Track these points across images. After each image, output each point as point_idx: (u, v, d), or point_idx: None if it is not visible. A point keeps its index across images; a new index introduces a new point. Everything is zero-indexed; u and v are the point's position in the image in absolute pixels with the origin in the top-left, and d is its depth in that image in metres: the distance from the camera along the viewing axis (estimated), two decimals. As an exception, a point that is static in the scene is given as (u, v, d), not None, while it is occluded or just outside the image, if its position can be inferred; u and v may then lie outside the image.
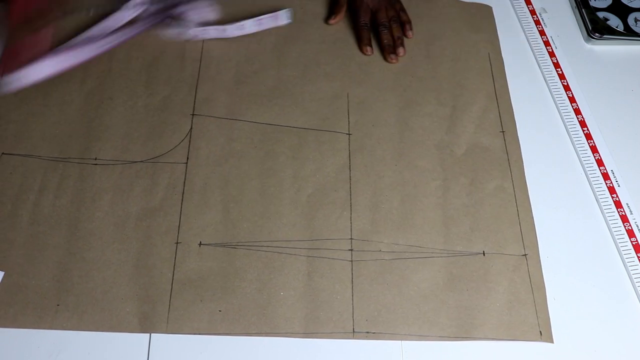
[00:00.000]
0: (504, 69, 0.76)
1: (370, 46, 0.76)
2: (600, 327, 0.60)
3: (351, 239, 0.61)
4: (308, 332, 0.56)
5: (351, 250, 0.61)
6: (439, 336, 0.57)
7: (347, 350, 0.56)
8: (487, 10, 0.82)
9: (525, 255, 0.62)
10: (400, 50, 0.75)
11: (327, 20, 0.78)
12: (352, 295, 0.58)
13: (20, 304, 0.55)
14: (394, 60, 0.75)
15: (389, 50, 0.75)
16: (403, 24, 0.78)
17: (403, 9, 0.79)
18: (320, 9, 0.79)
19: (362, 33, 0.76)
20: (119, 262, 0.58)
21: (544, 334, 0.58)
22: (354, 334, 0.57)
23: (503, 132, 0.70)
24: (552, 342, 0.58)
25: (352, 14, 0.79)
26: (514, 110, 0.73)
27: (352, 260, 0.60)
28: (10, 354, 0.53)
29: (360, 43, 0.76)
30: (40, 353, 0.53)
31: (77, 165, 0.63)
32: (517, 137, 0.70)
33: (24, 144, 0.64)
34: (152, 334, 0.55)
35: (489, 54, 0.77)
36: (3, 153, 0.63)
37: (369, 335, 0.57)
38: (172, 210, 0.61)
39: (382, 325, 0.57)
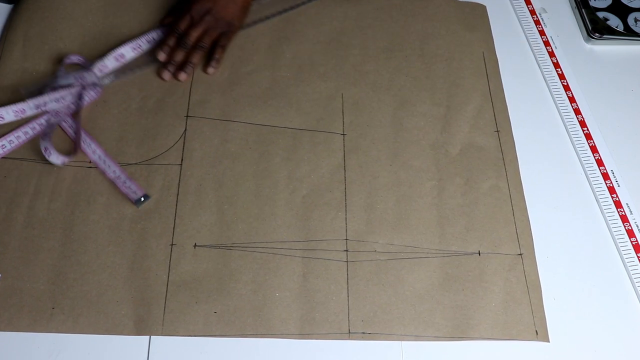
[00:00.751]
0: (499, 68, 0.76)
1: (163, 52, 0.70)
2: (600, 327, 0.60)
3: (346, 239, 0.61)
4: (304, 333, 0.56)
5: (346, 250, 0.61)
6: (435, 336, 0.57)
7: (342, 351, 0.56)
8: (482, 10, 0.82)
9: (521, 254, 0.62)
10: (181, 75, 0.69)
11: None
12: (348, 296, 0.58)
13: (16, 307, 0.55)
14: (164, 77, 0.69)
15: (169, 66, 0.69)
16: (211, 56, 0.71)
17: (224, 46, 0.72)
18: (315, 9, 0.79)
19: (168, 37, 0.71)
20: (114, 264, 0.58)
21: (540, 333, 0.58)
22: (349, 334, 0.57)
23: (498, 131, 0.70)
24: (548, 341, 0.58)
25: (174, 13, 0.74)
26: (513, 110, 0.73)
27: (347, 261, 0.60)
28: (10, 355, 0.53)
29: (162, 44, 0.70)
30: (40, 353, 0.53)
31: (71, 168, 0.63)
32: (512, 136, 0.70)
33: (18, 148, 0.64)
34: (151, 338, 0.55)
35: (483, 53, 0.77)
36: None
37: (364, 335, 0.57)
38: (167, 212, 0.61)
39: (377, 325, 0.57)
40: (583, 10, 0.83)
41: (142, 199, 0.61)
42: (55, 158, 0.62)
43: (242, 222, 0.61)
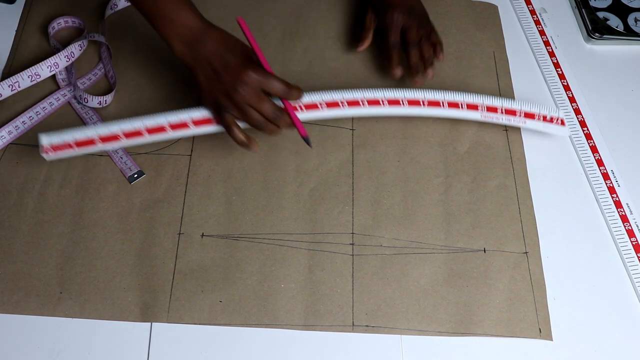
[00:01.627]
0: (509, 68, 0.76)
1: (401, 67, 0.69)
2: (600, 326, 0.60)
3: (352, 233, 0.62)
4: (308, 325, 0.57)
5: (352, 244, 0.61)
6: (438, 331, 0.57)
7: (346, 343, 0.56)
8: (493, 9, 0.82)
9: (526, 253, 0.62)
10: (429, 72, 0.69)
11: (356, 47, 0.73)
12: (353, 289, 0.59)
13: (24, 291, 0.56)
14: (419, 82, 0.68)
15: (416, 70, 0.68)
16: (434, 45, 0.71)
17: (434, 31, 0.72)
18: (327, 5, 0.79)
19: (392, 53, 0.70)
20: (122, 252, 0.59)
21: (543, 331, 0.58)
22: (353, 327, 0.57)
23: (506, 130, 0.70)
24: (551, 339, 0.58)
25: (381, 33, 0.72)
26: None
27: (353, 255, 0.61)
28: (14, 340, 0.54)
29: (391, 63, 0.70)
30: (41, 339, 0.54)
31: (82, 156, 0.63)
32: (521, 135, 0.70)
33: (31, 135, 0.64)
34: (153, 324, 0.56)
35: (494, 52, 0.78)
36: (10, 143, 0.64)
37: (368, 329, 0.57)
38: (176, 201, 0.62)
39: (381, 319, 0.57)
40: (583, 10, 0.83)
41: (136, 175, 0.62)
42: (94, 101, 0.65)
43: (250, 213, 0.62)
